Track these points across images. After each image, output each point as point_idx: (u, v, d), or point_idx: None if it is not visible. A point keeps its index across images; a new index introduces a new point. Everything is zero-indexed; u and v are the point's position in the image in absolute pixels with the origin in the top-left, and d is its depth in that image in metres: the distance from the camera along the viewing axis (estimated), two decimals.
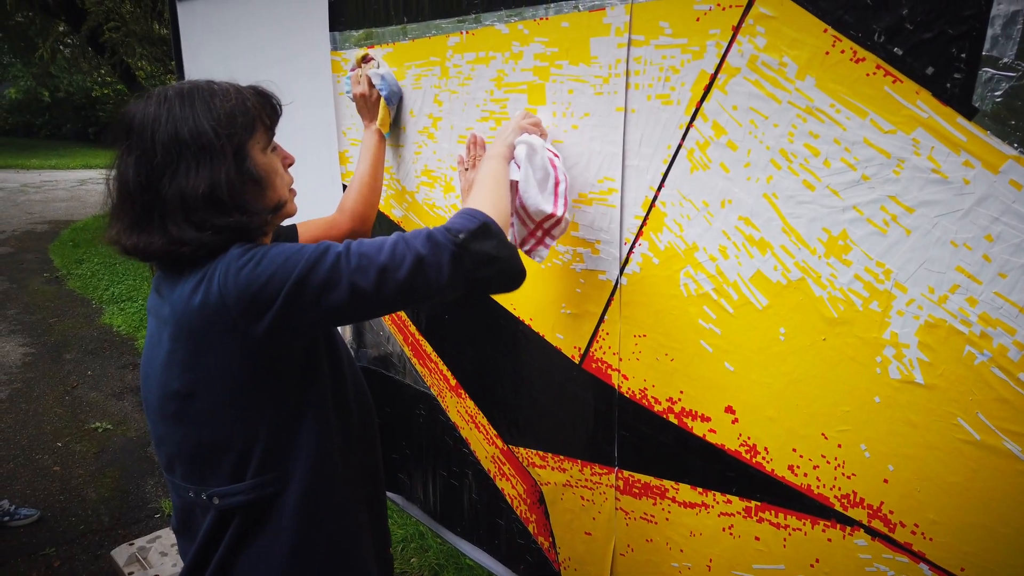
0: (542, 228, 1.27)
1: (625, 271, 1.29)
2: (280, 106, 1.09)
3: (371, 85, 1.63)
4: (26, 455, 3.50)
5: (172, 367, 1.00)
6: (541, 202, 1.23)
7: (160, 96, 0.99)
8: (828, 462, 1.07)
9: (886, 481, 1.01)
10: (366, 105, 1.65)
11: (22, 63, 15.53)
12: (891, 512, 1.02)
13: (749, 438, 1.16)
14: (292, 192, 1.11)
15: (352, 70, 1.69)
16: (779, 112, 1.03)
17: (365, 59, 1.68)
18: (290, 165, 1.11)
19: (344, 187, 1.98)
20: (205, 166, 0.96)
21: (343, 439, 1.15)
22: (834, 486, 1.07)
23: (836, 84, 0.96)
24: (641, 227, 1.25)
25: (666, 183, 1.19)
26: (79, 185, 12.52)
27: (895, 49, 0.90)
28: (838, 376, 1.03)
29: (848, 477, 1.05)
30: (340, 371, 1.16)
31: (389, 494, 2.09)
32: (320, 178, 1.72)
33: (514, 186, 1.26)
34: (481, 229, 1.03)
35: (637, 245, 1.26)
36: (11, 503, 2.95)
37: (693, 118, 1.13)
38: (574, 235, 1.37)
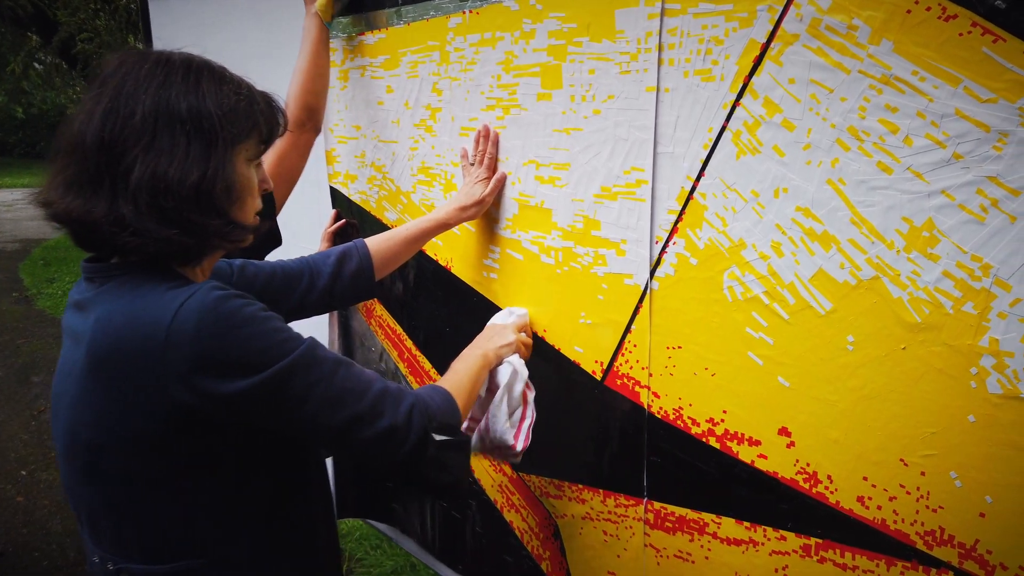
0: (498, 451, 1.24)
1: (656, 274, 1.14)
2: (285, 126, 0.94)
3: None
4: None
5: (83, 409, 0.81)
6: (506, 432, 1.21)
7: (160, 58, 0.83)
8: (908, 492, 0.91)
9: (983, 515, 0.85)
10: None
11: None
12: (988, 552, 0.86)
13: (808, 464, 1.00)
14: (255, 220, 0.92)
15: None
16: (848, 84, 0.88)
17: None
18: (265, 192, 0.94)
19: (332, 189, 1.82)
20: (198, 153, 0.80)
21: (298, 516, 0.96)
22: (916, 520, 0.91)
23: (920, 48, 0.82)
24: (676, 223, 1.09)
25: (706, 171, 1.04)
26: None
27: (996, 2, 0.76)
28: (921, 391, 0.88)
29: (934, 510, 0.89)
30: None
31: (380, 525, 1.91)
32: (305, 176, 1.59)
33: (481, 400, 1.25)
34: (462, 443, 0.97)
35: (671, 244, 1.11)
36: None
37: (740, 95, 0.98)
38: (595, 235, 1.21)
